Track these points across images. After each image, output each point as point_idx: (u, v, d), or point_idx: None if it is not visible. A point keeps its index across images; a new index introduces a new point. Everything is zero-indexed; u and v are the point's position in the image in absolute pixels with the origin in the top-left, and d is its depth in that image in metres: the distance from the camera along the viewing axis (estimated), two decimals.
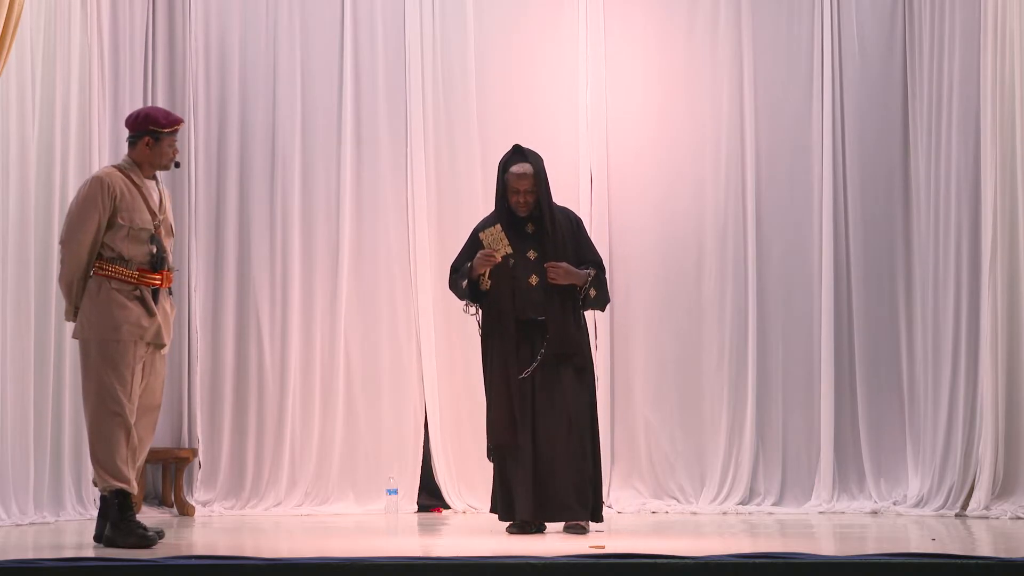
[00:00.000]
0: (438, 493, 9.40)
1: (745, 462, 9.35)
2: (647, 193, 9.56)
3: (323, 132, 9.62)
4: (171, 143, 6.46)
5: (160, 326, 6.33)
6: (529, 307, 7.19)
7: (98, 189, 6.30)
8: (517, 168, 7.21)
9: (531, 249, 7.23)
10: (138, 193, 6.35)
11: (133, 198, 6.33)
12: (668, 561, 4.83)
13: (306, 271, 9.53)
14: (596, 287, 7.26)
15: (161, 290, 6.37)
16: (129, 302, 6.26)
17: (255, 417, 9.38)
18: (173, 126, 6.46)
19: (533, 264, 7.21)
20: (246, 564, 4.86)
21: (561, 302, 7.19)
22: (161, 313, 6.34)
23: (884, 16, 9.56)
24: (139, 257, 6.29)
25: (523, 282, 7.21)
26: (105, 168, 6.57)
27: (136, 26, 9.30)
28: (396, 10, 9.66)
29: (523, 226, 7.27)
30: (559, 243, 7.23)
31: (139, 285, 6.29)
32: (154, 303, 6.30)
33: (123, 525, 6.15)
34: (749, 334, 9.44)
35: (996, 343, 8.42)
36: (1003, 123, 8.48)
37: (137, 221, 6.30)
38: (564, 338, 7.14)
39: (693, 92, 9.66)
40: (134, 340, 6.24)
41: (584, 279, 7.21)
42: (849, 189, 9.54)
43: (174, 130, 6.47)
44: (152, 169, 6.47)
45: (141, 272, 6.30)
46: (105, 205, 6.28)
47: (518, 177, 7.20)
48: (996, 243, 8.45)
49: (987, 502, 8.33)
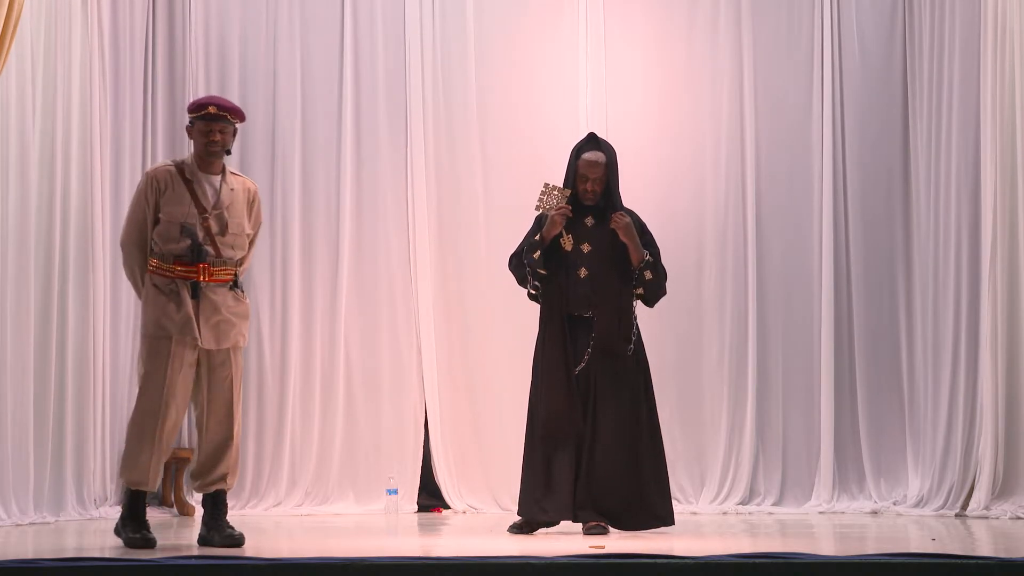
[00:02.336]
0: (438, 493, 9.40)
1: (745, 462, 9.36)
2: (647, 193, 9.55)
3: (323, 132, 9.63)
4: (203, 128, 6.25)
5: (190, 320, 6.15)
6: (577, 302, 7.08)
7: (143, 185, 6.30)
8: (590, 155, 7.12)
9: (586, 242, 7.14)
10: (184, 187, 6.24)
11: (177, 192, 6.23)
12: (668, 561, 4.82)
13: (306, 271, 9.53)
14: (652, 271, 7.15)
15: (205, 284, 6.20)
16: (165, 296, 6.19)
17: (255, 417, 9.39)
18: (199, 111, 6.30)
19: (585, 257, 7.11)
20: (246, 564, 4.86)
21: (610, 298, 7.06)
22: (203, 308, 6.18)
23: (884, 16, 9.56)
24: (176, 251, 6.19)
25: (573, 275, 7.09)
26: (159, 163, 6.55)
27: (136, 26, 9.30)
28: (396, 10, 9.67)
29: (583, 218, 7.16)
30: (615, 238, 7.09)
31: (175, 279, 6.20)
32: (192, 297, 6.18)
33: (126, 521, 6.18)
34: (749, 334, 9.45)
35: (996, 343, 8.42)
36: (1003, 123, 8.48)
37: (176, 215, 6.19)
38: (612, 336, 7.01)
39: (693, 92, 9.66)
40: (168, 335, 6.16)
41: (643, 255, 7.08)
42: (849, 189, 9.54)
43: (202, 115, 6.28)
44: (205, 159, 6.30)
45: (179, 265, 6.19)
46: (149, 200, 6.24)
47: (589, 164, 7.10)
48: (996, 243, 8.45)
49: (987, 502, 8.33)
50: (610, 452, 6.98)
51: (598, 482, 6.96)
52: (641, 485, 7.02)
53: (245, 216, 6.36)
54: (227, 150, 6.34)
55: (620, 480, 6.97)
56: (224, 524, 6.23)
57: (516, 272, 7.28)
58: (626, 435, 7.01)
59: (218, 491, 6.30)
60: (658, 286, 7.23)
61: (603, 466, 6.97)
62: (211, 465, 6.29)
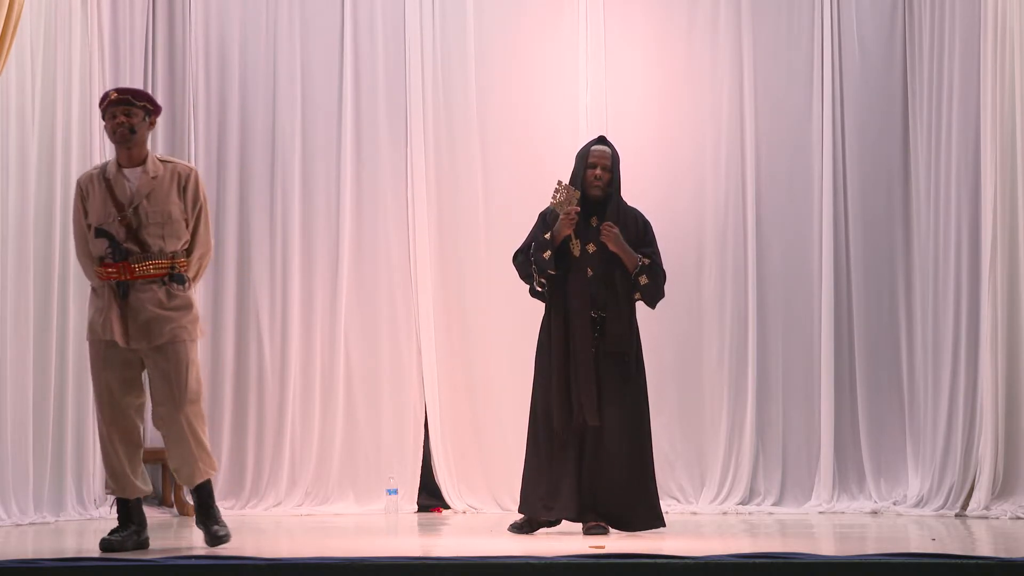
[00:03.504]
0: (438, 493, 9.40)
1: (745, 462, 9.35)
2: (647, 193, 9.53)
3: (323, 132, 9.62)
4: (108, 116, 6.10)
5: (114, 321, 6.01)
6: (582, 301, 7.09)
7: (74, 195, 6.23)
8: (599, 148, 7.29)
9: (591, 242, 7.18)
10: (104, 187, 6.12)
11: (99, 194, 6.11)
12: (668, 561, 4.82)
13: (306, 271, 9.53)
14: (648, 275, 7.22)
15: (132, 283, 6.04)
16: (96, 299, 6.12)
17: (255, 417, 9.39)
18: (102, 101, 6.13)
19: (591, 257, 7.15)
20: (246, 564, 4.86)
21: (617, 299, 7.13)
22: (131, 307, 6.01)
23: (884, 16, 9.56)
24: (99, 252, 6.08)
25: (580, 275, 7.14)
26: (88, 169, 6.44)
27: (136, 26, 9.30)
28: (396, 10, 9.67)
29: (588, 218, 7.22)
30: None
31: (104, 281, 6.08)
32: (121, 297, 6.01)
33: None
34: (749, 334, 9.44)
35: (996, 343, 8.42)
36: (1003, 123, 8.48)
37: (97, 217, 6.08)
38: (618, 336, 7.07)
39: (693, 92, 9.66)
40: (98, 338, 6.07)
41: (636, 261, 7.16)
42: (849, 189, 9.54)
43: (106, 104, 6.10)
44: (123, 151, 6.13)
45: (105, 267, 6.07)
46: (79, 209, 6.17)
47: (599, 154, 7.26)
48: (996, 243, 8.45)
49: (987, 502, 8.33)
50: (613, 452, 7.00)
51: (601, 482, 6.99)
52: (641, 487, 7.05)
53: (172, 202, 6.10)
54: (132, 130, 6.07)
55: (621, 481, 7.00)
56: (210, 519, 6.14)
57: (521, 269, 7.31)
58: (628, 436, 7.04)
59: (199, 486, 6.17)
60: (656, 289, 7.28)
61: (606, 466, 7.00)
62: (175, 462, 6.11)
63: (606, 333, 7.08)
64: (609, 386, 7.06)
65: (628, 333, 7.13)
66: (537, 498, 7.08)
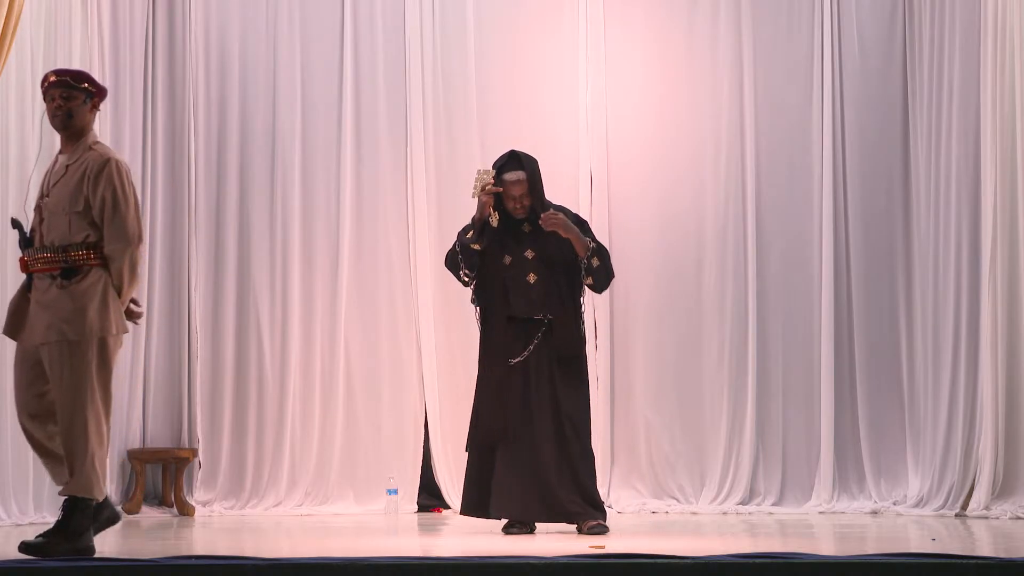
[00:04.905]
0: (438, 493, 9.40)
1: (745, 462, 9.35)
2: (647, 193, 9.56)
3: (323, 132, 9.62)
4: (48, 100, 5.74)
5: (10, 315, 5.67)
6: (527, 305, 7.23)
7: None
8: (510, 176, 7.30)
9: (528, 248, 7.28)
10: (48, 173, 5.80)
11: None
12: (668, 561, 4.82)
13: (306, 271, 9.53)
14: (598, 256, 7.30)
15: (36, 276, 5.67)
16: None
17: (255, 417, 9.39)
18: (43, 84, 5.77)
19: (531, 263, 7.27)
20: (246, 564, 4.86)
21: (563, 301, 7.24)
22: (33, 301, 5.65)
23: (884, 16, 9.55)
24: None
25: (521, 281, 7.25)
26: None
27: (136, 26, 9.30)
28: (396, 10, 9.67)
29: (519, 226, 7.33)
30: (557, 240, 7.26)
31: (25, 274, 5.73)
32: (27, 290, 5.68)
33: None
34: (749, 334, 9.44)
35: (996, 343, 8.42)
36: (1003, 123, 8.48)
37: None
38: (568, 339, 7.21)
39: (693, 92, 9.66)
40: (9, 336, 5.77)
41: (587, 243, 7.24)
42: (849, 189, 9.53)
43: (45, 87, 5.75)
44: (63, 138, 5.77)
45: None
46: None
47: (511, 184, 7.28)
48: (996, 243, 8.45)
49: (987, 502, 8.33)
50: (551, 449, 7.10)
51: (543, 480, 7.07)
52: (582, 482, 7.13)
53: (75, 192, 5.65)
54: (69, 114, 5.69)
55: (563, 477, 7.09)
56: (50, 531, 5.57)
57: (450, 262, 7.41)
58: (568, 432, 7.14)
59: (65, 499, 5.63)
60: (606, 270, 7.37)
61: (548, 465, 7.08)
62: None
63: (555, 337, 7.19)
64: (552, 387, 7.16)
65: (577, 335, 7.26)
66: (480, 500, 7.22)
